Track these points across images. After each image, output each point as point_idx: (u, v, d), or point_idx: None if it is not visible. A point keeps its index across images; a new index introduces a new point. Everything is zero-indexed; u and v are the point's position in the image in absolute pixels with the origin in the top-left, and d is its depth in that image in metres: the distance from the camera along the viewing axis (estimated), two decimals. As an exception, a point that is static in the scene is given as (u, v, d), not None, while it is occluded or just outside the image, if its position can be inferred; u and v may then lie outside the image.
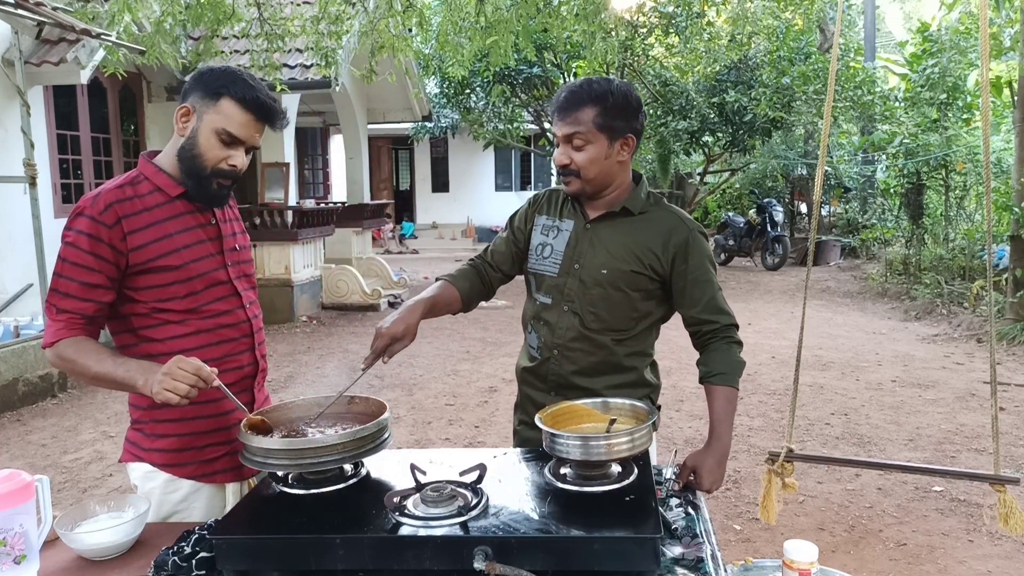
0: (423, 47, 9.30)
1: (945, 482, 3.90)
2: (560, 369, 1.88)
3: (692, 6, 10.96)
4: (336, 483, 1.49)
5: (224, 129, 1.64)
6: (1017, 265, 7.51)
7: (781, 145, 14.39)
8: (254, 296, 1.86)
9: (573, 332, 1.86)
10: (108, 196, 1.63)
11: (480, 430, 5.01)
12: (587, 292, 1.84)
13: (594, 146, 1.77)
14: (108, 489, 4.13)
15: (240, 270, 1.81)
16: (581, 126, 1.76)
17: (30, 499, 1.36)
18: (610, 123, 1.76)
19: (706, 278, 1.84)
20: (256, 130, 1.68)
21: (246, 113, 1.64)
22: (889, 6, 25.87)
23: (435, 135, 16.70)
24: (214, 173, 1.66)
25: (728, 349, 1.84)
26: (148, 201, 1.67)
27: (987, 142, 2.09)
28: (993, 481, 2.01)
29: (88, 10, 6.18)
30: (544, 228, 1.95)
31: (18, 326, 5.97)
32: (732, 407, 1.83)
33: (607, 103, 1.76)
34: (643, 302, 1.86)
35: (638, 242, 1.83)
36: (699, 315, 1.84)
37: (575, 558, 1.27)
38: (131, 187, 1.67)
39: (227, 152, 1.65)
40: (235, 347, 1.76)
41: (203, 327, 1.71)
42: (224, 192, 1.72)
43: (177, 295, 1.68)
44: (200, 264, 1.71)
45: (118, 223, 1.61)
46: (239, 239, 1.84)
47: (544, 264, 1.91)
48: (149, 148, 7.60)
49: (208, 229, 1.75)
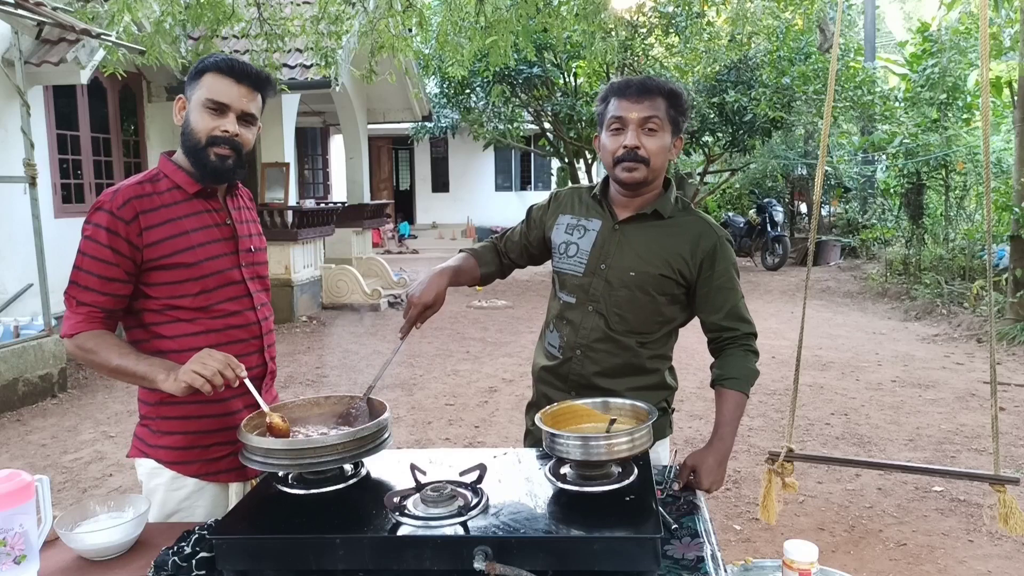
0: (423, 47, 9.29)
1: (945, 482, 3.90)
2: (582, 369, 1.87)
3: (692, 6, 10.94)
4: (336, 483, 1.49)
5: (208, 98, 1.66)
6: (1017, 265, 7.51)
7: (781, 145, 14.38)
8: (266, 298, 1.87)
9: (598, 333, 1.85)
10: (127, 192, 1.66)
11: (480, 430, 5.01)
12: (613, 293, 1.83)
13: (664, 135, 1.78)
14: (108, 489, 4.13)
15: (254, 271, 1.83)
16: (658, 112, 1.76)
17: (30, 499, 1.36)
18: (676, 117, 1.79)
19: (731, 285, 1.85)
20: (241, 95, 1.67)
21: (225, 78, 1.66)
22: (889, 6, 25.88)
23: (435, 135, 16.68)
24: (209, 142, 1.66)
25: (745, 356, 1.85)
26: (166, 198, 1.69)
27: (987, 142, 2.09)
28: (993, 481, 2.01)
29: (88, 10, 6.17)
30: (569, 227, 1.92)
31: (18, 326, 5.97)
32: (739, 412, 1.83)
33: (677, 98, 1.79)
34: (668, 307, 1.85)
35: (667, 247, 1.82)
36: (720, 322, 1.84)
37: (575, 558, 1.27)
38: (150, 184, 1.70)
39: (217, 121, 1.66)
40: (244, 348, 1.77)
41: (213, 326, 1.72)
42: (226, 165, 1.69)
43: (189, 292, 1.69)
44: (214, 263, 1.72)
45: (136, 218, 1.63)
46: (255, 240, 1.86)
47: (569, 263, 1.90)
48: (149, 148, 7.61)
49: (223, 229, 1.77)
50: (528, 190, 20.24)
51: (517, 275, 12.62)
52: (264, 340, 1.82)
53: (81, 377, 6.58)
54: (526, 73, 12.27)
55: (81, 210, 7.54)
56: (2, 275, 6.46)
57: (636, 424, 1.53)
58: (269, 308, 1.88)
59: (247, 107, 1.69)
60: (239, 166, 1.72)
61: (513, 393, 5.79)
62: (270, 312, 1.88)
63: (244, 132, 1.70)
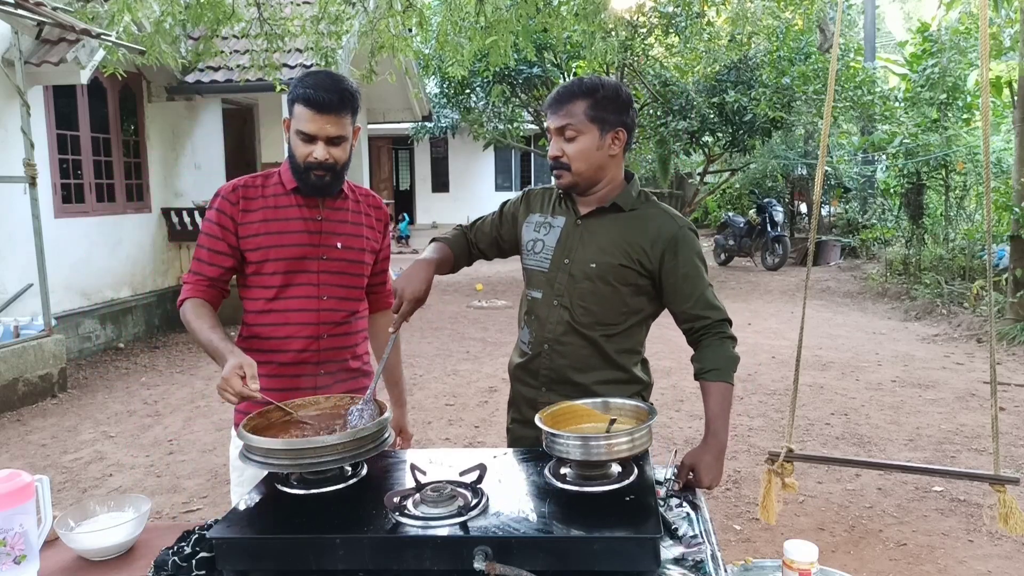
0: (423, 47, 9.29)
1: (945, 482, 3.90)
2: (552, 363, 1.89)
3: (692, 6, 10.94)
4: (336, 483, 1.49)
5: (298, 129, 1.85)
6: (1017, 265, 7.51)
7: (781, 145, 14.38)
8: (344, 293, 1.99)
9: (563, 326, 1.87)
10: (240, 181, 1.98)
11: (480, 430, 5.01)
12: (576, 286, 1.86)
13: (585, 137, 1.80)
14: (108, 489, 4.13)
15: (337, 267, 1.97)
16: (572, 118, 1.80)
17: (30, 499, 1.36)
18: (601, 115, 1.80)
19: (696, 273, 1.85)
20: (326, 123, 1.83)
21: (306, 110, 1.83)
22: (889, 6, 25.89)
23: (435, 135, 16.70)
24: (306, 167, 1.87)
25: (721, 344, 1.84)
26: (268, 191, 1.96)
27: (987, 142, 2.09)
28: (993, 481, 2.01)
29: (88, 10, 6.18)
30: (536, 225, 1.96)
31: (18, 326, 5.97)
32: (727, 403, 1.82)
33: (598, 95, 1.80)
34: (632, 297, 1.87)
35: (627, 237, 1.84)
36: (690, 311, 1.85)
37: (575, 558, 1.27)
38: (262, 178, 1.99)
39: (308, 148, 1.85)
40: (296, 331, 1.93)
41: (276, 307, 1.94)
42: (324, 182, 1.89)
43: (266, 272, 1.93)
44: (292, 250, 1.92)
45: (239, 202, 1.93)
46: (348, 240, 1.99)
47: (536, 259, 1.94)
48: (149, 148, 7.67)
49: (311, 223, 1.95)
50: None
51: (517, 275, 12.59)
52: (319, 329, 1.95)
53: (81, 377, 6.59)
54: (526, 73, 12.27)
55: (81, 210, 7.54)
56: (2, 275, 6.47)
57: (636, 424, 1.53)
58: (346, 303, 2.00)
59: (332, 132, 1.84)
60: (337, 180, 1.93)
61: (513, 393, 5.79)
62: (345, 307, 2.00)
63: (335, 152, 1.87)
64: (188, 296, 1.90)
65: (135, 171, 8.34)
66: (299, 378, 1.95)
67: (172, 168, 8.82)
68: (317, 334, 1.96)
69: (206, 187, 9.10)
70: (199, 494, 4.05)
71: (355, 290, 2.03)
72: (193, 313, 1.86)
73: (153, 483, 4.22)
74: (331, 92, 1.82)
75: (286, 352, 1.94)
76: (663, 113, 12.42)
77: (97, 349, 7.51)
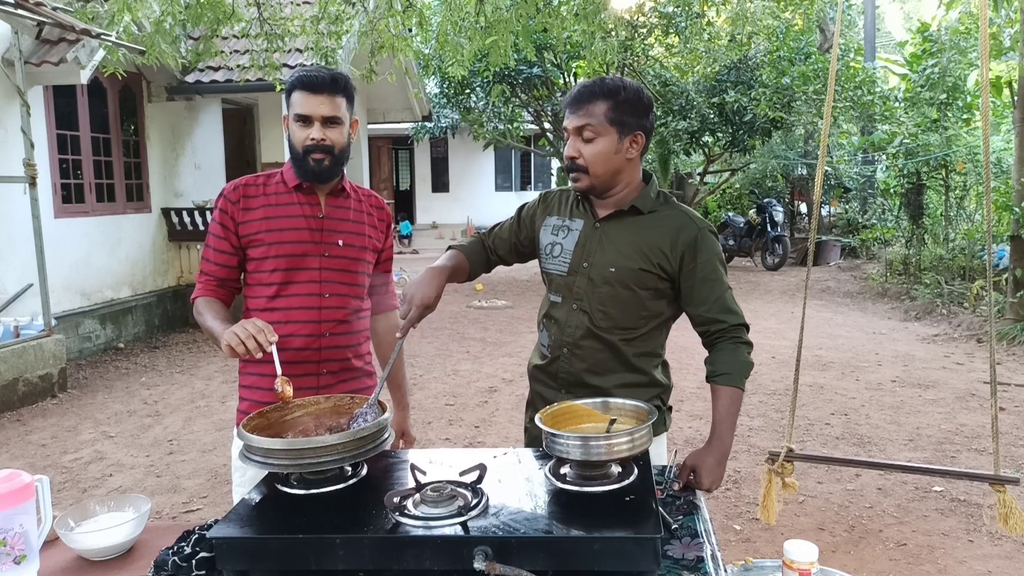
0: (423, 47, 9.29)
1: (945, 482, 3.90)
2: (571, 367, 1.88)
3: (692, 6, 10.94)
4: (336, 483, 1.49)
5: (294, 113, 1.90)
6: (1017, 265, 7.51)
7: (781, 145, 14.38)
8: (345, 291, 2.00)
9: (582, 330, 1.86)
10: (241, 180, 2.01)
11: (480, 430, 5.01)
12: (596, 290, 1.84)
13: (604, 139, 1.78)
14: (108, 489, 4.13)
15: (339, 264, 1.99)
16: (592, 119, 1.77)
17: (30, 499, 1.36)
18: (621, 117, 1.77)
19: (715, 276, 1.82)
20: (320, 103, 1.88)
21: (300, 93, 1.89)
22: (889, 6, 25.89)
23: (435, 135, 16.69)
24: (304, 151, 1.90)
25: (735, 349, 1.83)
26: (270, 189, 1.99)
27: (987, 142, 2.09)
28: (993, 481, 2.01)
29: (88, 10, 6.18)
30: (554, 228, 1.95)
31: (18, 326, 5.97)
32: (735, 408, 1.82)
33: (619, 97, 1.77)
34: (652, 301, 1.85)
35: (646, 240, 1.82)
36: (707, 314, 1.83)
37: (575, 558, 1.27)
38: (265, 177, 2.02)
39: (305, 131, 1.90)
40: (297, 328, 1.94)
41: (278, 304, 1.95)
42: (323, 167, 1.92)
43: (266, 269, 1.95)
44: (293, 247, 1.94)
45: (239, 200, 1.96)
46: (350, 238, 2.01)
47: (554, 263, 1.92)
48: (149, 148, 7.70)
49: (312, 220, 1.97)
50: (528, 190, 20.25)
51: (517, 275, 12.62)
52: (322, 327, 1.96)
53: (81, 377, 6.59)
54: (526, 73, 12.27)
55: (81, 210, 7.54)
56: (2, 275, 6.46)
57: (636, 424, 1.53)
58: (349, 301, 2.01)
59: (327, 112, 1.89)
60: (336, 164, 1.94)
61: (513, 393, 5.79)
62: (348, 304, 2.01)
63: (331, 134, 1.90)
64: (198, 295, 1.95)
65: (135, 171, 8.34)
66: (301, 377, 1.93)
67: (172, 168, 8.82)
68: (319, 332, 1.96)
69: (206, 187, 9.10)
70: (199, 494, 4.05)
71: (357, 288, 2.03)
72: (203, 305, 1.93)
73: (153, 483, 4.22)
74: (322, 73, 1.91)
75: (288, 350, 1.92)
76: (663, 113, 12.43)
77: (97, 349, 7.51)
